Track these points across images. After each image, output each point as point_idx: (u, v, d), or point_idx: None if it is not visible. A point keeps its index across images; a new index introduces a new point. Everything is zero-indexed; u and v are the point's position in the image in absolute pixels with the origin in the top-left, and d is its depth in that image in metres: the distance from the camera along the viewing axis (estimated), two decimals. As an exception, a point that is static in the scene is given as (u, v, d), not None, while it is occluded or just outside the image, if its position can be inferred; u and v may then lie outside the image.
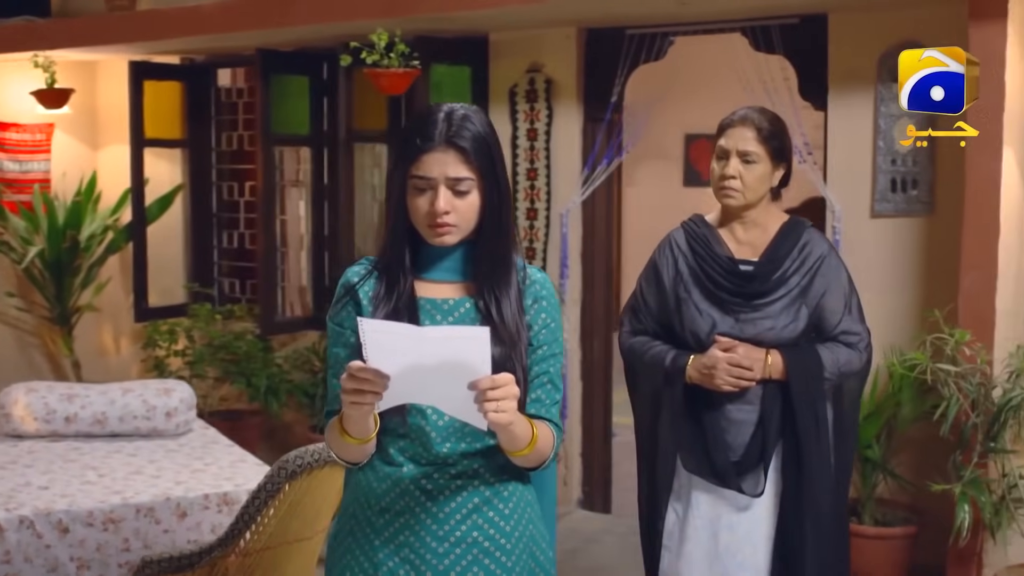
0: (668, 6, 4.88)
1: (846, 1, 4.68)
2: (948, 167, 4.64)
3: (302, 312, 6.70)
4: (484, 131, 2.11)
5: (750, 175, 2.91)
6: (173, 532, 3.69)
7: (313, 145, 6.39)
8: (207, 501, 3.76)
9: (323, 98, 6.34)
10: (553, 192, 5.63)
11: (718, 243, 2.99)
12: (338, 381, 2.17)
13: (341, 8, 5.21)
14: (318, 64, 6.28)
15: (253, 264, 6.93)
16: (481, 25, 5.61)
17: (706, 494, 2.97)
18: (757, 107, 3.01)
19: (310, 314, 6.52)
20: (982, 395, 3.81)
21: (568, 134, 5.60)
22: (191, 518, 3.73)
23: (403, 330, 1.93)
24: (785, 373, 2.88)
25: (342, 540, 2.22)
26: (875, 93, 4.75)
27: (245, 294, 6.99)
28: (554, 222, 5.63)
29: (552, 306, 2.21)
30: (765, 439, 2.88)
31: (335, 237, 6.41)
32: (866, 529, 4.35)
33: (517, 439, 2.04)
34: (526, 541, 2.19)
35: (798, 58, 4.99)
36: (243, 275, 7.05)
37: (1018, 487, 3.86)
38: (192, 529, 3.74)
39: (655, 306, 3.05)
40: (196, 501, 3.74)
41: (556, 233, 5.61)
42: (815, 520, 2.90)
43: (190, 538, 3.71)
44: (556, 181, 5.63)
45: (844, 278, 2.95)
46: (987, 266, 4.09)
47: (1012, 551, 3.95)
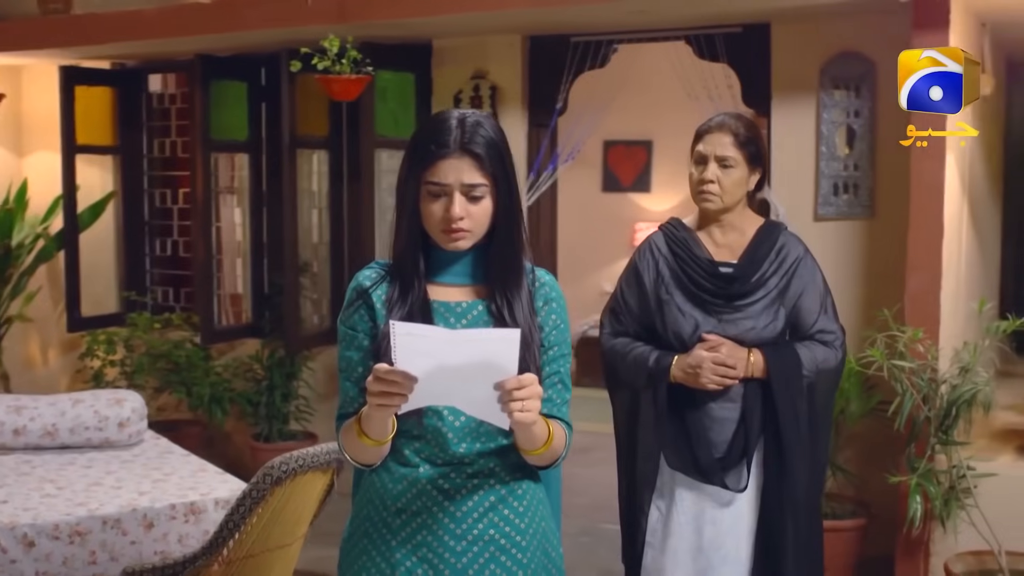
0: (613, 14, 4.97)
1: (788, 11, 4.82)
2: (888, 173, 4.82)
3: (242, 320, 6.64)
4: (496, 137, 2.15)
5: (728, 179, 2.99)
6: (140, 543, 3.64)
7: (251, 151, 6.33)
8: (174, 511, 3.71)
9: (261, 104, 6.30)
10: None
11: (698, 246, 3.07)
12: (352, 384, 2.20)
13: (287, 14, 5.20)
14: (256, 69, 6.24)
15: (187, 272, 6.84)
16: (425, 32, 5.63)
17: (689, 491, 3.04)
18: (733, 113, 3.10)
19: (250, 322, 6.47)
20: (932, 390, 3.96)
21: (514, 140, 5.56)
22: (158, 529, 3.67)
23: (435, 332, 1.95)
24: (766, 371, 2.97)
25: (356, 542, 2.23)
26: (817, 100, 4.91)
27: (179, 302, 6.90)
28: (499, 227, 5.66)
29: (561, 307, 2.25)
30: (748, 435, 2.97)
31: (275, 244, 6.37)
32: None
33: (536, 438, 2.08)
34: (539, 538, 2.23)
35: (741, 66, 5.12)
36: (177, 283, 6.95)
37: (966, 477, 4.01)
38: (159, 540, 3.69)
39: (636, 308, 3.12)
40: (163, 511, 3.69)
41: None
42: (794, 512, 3.00)
43: (157, 549, 3.67)
44: (502, 187, 5.66)
45: (819, 279, 3.06)
46: (932, 267, 4.25)
47: (961, 539, 4.10)
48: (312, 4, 5.00)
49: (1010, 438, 4.60)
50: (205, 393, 5.84)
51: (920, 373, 3.96)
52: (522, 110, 5.63)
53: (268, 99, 6.27)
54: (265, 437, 5.93)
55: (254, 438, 5.96)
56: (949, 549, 4.20)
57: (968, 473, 4.01)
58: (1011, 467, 4.23)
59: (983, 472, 4.05)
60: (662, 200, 9.56)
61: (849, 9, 4.66)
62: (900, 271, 4.45)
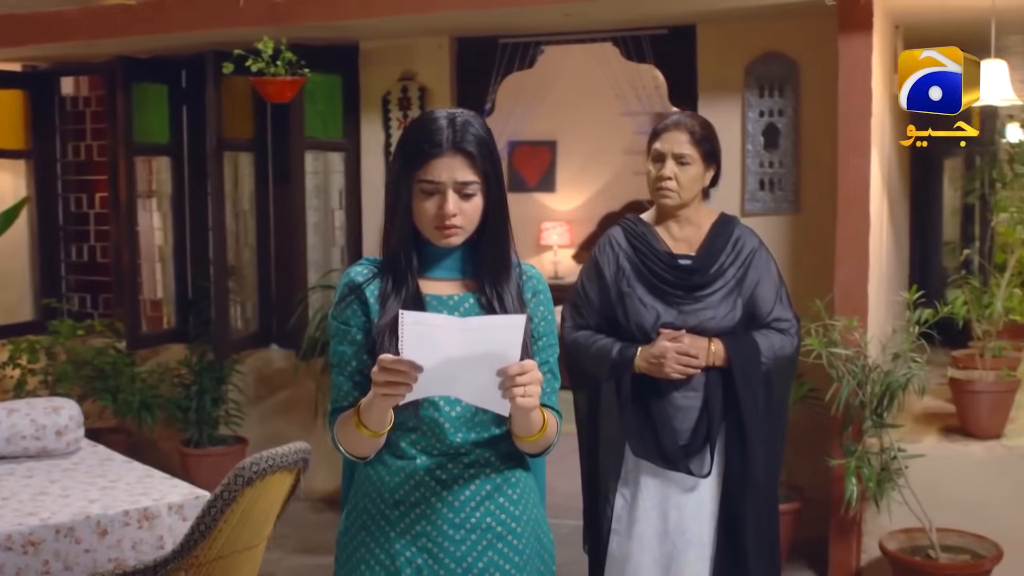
0: (542, 16, 5.06)
1: (713, 13, 4.97)
2: (811, 169, 5.01)
3: (162, 325, 6.55)
4: (486, 136, 2.21)
5: (685, 176, 3.10)
6: (94, 551, 3.58)
7: (173, 154, 6.26)
8: (127, 518, 3.66)
9: (182, 106, 6.23)
10: (429, 198, 5.71)
11: (656, 240, 3.17)
12: (345, 378, 2.23)
13: (217, 16, 5.16)
14: (177, 72, 6.17)
15: (105, 278, 6.73)
16: (352, 34, 5.65)
17: (654, 477, 3.14)
18: (688, 112, 3.22)
19: (173, 327, 6.39)
20: (866, 376, 4.13)
21: (443, 141, 5.68)
22: (112, 536, 3.63)
23: (444, 321, 1.98)
24: (727, 359, 3.08)
25: (353, 535, 2.26)
26: (743, 99, 5.07)
27: (98, 309, 6.77)
28: (430, 227, 5.71)
29: (548, 299, 2.32)
30: (710, 422, 3.08)
31: (199, 248, 6.31)
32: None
33: (533, 424, 2.15)
34: (532, 525, 2.29)
35: (668, 66, 5.26)
36: (94, 289, 6.81)
37: (897, 459, 4.20)
38: (113, 547, 3.64)
39: (597, 301, 3.20)
40: (116, 518, 3.64)
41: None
42: (754, 496, 3.12)
43: (111, 556, 3.62)
44: (431, 187, 5.71)
45: (774, 270, 3.19)
46: (860, 258, 4.44)
47: (893, 518, 4.28)
48: (244, 6, 4.97)
49: (931, 421, 4.82)
50: (134, 400, 5.75)
51: (854, 360, 4.13)
52: (451, 111, 5.67)
53: (190, 102, 6.21)
54: (195, 443, 5.86)
55: (184, 444, 5.89)
56: (880, 528, 4.38)
57: (899, 455, 4.20)
58: (936, 448, 4.43)
59: (913, 453, 4.24)
60: (567, 200, 9.70)
61: (773, 12, 4.83)
62: (826, 263, 4.62)
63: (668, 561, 3.13)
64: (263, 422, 6.09)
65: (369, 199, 5.88)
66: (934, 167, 6.92)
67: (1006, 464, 4.38)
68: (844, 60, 4.38)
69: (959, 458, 4.41)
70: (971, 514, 4.30)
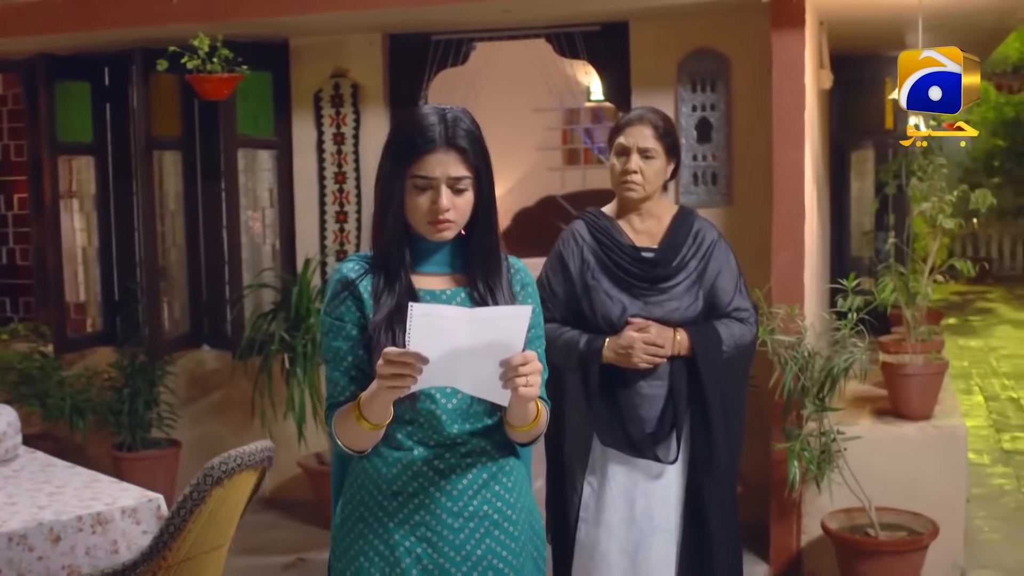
0: (478, 13, 5.10)
1: (646, 10, 5.06)
2: (743, 162, 5.14)
3: (86, 328, 6.43)
4: (477, 131, 2.25)
5: (649, 169, 3.17)
6: (47, 559, 3.52)
7: (97, 154, 6.14)
8: (81, 523, 3.60)
9: (105, 105, 6.11)
10: (364, 195, 5.72)
11: (619, 233, 3.24)
12: (341, 373, 2.24)
13: (149, 13, 5.09)
14: (100, 69, 6.05)
15: (25, 281, 6.57)
16: (282, 31, 5.61)
17: (621, 465, 3.20)
18: (650, 107, 3.28)
19: (100, 330, 6.27)
20: (807, 362, 4.27)
21: (376, 138, 5.69)
22: (65, 542, 3.57)
23: (453, 312, 2.00)
24: (691, 349, 3.16)
25: (351, 527, 2.28)
26: (675, 95, 5.18)
27: (18, 312, 6.61)
28: (365, 224, 5.71)
29: (535, 292, 2.37)
30: (676, 410, 3.16)
31: (125, 249, 6.20)
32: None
33: (529, 414, 2.20)
34: (526, 512, 2.34)
35: (601, 63, 5.34)
36: (14, 293, 6.65)
37: (836, 441, 4.34)
38: (66, 554, 3.57)
39: (562, 294, 3.26)
40: (69, 524, 3.58)
41: (367, 236, 5.69)
42: (718, 480, 3.21)
43: (65, 563, 3.56)
44: (366, 184, 5.72)
45: (733, 261, 3.28)
46: (796, 248, 4.58)
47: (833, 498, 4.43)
48: (178, 3, 4.90)
49: (863, 404, 4.99)
50: (65, 404, 5.63)
51: (795, 347, 4.26)
52: (384, 108, 5.69)
53: (113, 100, 6.10)
54: (128, 446, 5.76)
55: (116, 448, 5.78)
56: (819, 510, 4.53)
57: (838, 437, 4.34)
58: (871, 430, 4.60)
59: (851, 436, 4.39)
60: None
61: (704, 9, 4.94)
62: (759, 254, 4.74)
63: (635, 547, 3.20)
64: (196, 424, 6.01)
65: (302, 197, 5.85)
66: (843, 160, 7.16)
67: (937, 443, 4.57)
68: (778, 56, 4.51)
69: (893, 439, 4.58)
70: (906, 492, 4.48)
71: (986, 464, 6.55)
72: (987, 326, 11.94)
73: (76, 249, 6.47)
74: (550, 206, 8.38)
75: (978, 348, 10.61)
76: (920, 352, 4.74)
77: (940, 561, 4.46)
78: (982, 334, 11.41)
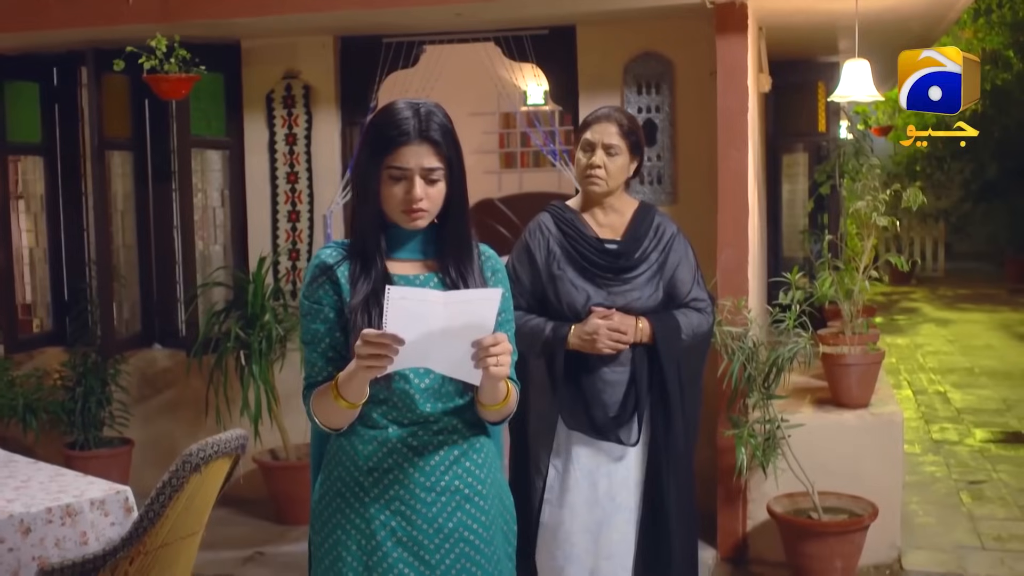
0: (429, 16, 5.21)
1: (592, 15, 5.22)
2: (687, 162, 5.32)
3: (33, 329, 6.42)
4: (449, 125, 2.38)
5: (613, 165, 3.33)
6: (17, 550, 3.56)
7: (46, 154, 6.14)
8: (50, 515, 3.65)
9: (54, 105, 6.12)
10: (316, 194, 5.80)
11: (584, 225, 3.39)
12: (319, 355, 2.36)
13: (102, 13, 5.12)
14: (48, 70, 6.06)
15: (-30, 283, 6.51)
16: (234, 32, 5.67)
17: (585, 447, 3.35)
18: (615, 106, 3.44)
19: (49, 330, 6.27)
20: (753, 352, 4.45)
21: (328, 138, 5.80)
22: (35, 534, 3.61)
23: (428, 295, 2.13)
24: (652, 336, 3.32)
25: (329, 503, 2.39)
26: (622, 97, 5.35)
27: (-38, 314, 6.55)
28: (317, 223, 5.80)
29: (505, 278, 2.51)
30: (638, 395, 3.32)
31: (74, 250, 6.21)
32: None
33: (499, 393, 2.32)
34: (496, 488, 2.47)
35: (549, 66, 5.49)
36: (-43, 295, 6.59)
37: (781, 429, 4.53)
38: (36, 545, 3.62)
39: (528, 283, 3.40)
40: (39, 516, 3.62)
41: (320, 234, 5.79)
42: (676, 462, 3.37)
43: (35, 555, 3.60)
44: (318, 184, 5.81)
45: (691, 254, 3.45)
46: (740, 244, 4.76)
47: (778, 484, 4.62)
48: (133, 3, 4.95)
49: (803, 394, 5.19)
50: (17, 404, 5.63)
51: (742, 338, 4.44)
52: (336, 109, 5.78)
53: (62, 100, 6.11)
54: (80, 445, 5.78)
55: (68, 447, 5.79)
56: (764, 495, 4.72)
57: (782, 424, 4.54)
58: (813, 418, 4.80)
59: (794, 424, 4.58)
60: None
61: (649, 14, 5.11)
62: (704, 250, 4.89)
63: (598, 527, 3.35)
64: (149, 422, 6.04)
65: (254, 197, 5.91)
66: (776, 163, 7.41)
67: (874, 430, 4.79)
68: (723, 60, 4.70)
69: (834, 426, 4.79)
70: (846, 476, 4.69)
71: (918, 453, 6.82)
72: (912, 324, 12.34)
73: (23, 250, 6.47)
74: (487, 209, 8.53)
75: (905, 345, 10.98)
76: (858, 344, 4.95)
77: (879, 542, 4.67)
78: (908, 332, 11.79)
